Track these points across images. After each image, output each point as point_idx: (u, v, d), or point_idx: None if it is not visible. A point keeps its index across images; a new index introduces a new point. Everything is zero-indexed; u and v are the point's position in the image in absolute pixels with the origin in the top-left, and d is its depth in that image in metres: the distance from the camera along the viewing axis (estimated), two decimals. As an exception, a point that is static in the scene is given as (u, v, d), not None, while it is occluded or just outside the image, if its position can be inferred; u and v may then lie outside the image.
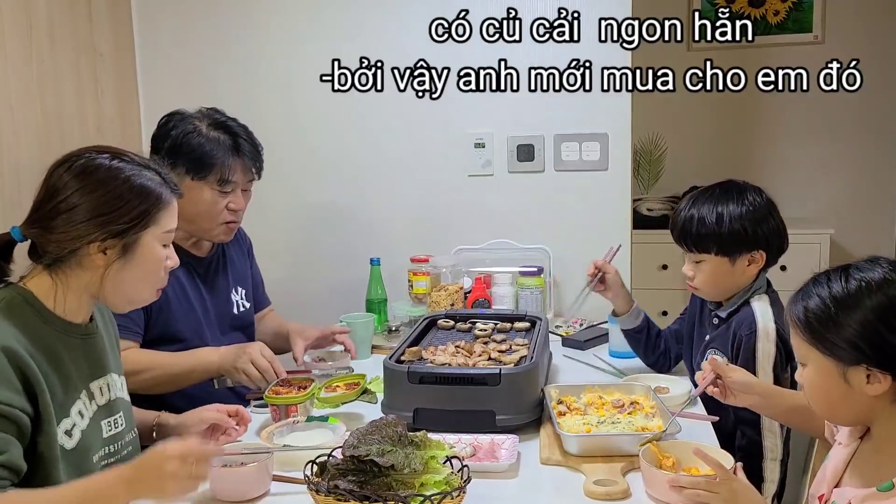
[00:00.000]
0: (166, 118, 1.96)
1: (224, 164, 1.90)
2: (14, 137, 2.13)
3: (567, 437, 1.47)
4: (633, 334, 1.99)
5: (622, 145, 2.55)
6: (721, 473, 1.25)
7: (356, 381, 1.74)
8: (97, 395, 1.42)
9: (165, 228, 1.42)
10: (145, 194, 1.37)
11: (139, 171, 1.39)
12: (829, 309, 1.20)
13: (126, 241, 1.36)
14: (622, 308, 1.99)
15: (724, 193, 1.79)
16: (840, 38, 3.84)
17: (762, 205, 1.78)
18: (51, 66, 2.28)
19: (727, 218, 1.74)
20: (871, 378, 1.17)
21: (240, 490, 1.36)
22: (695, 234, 1.77)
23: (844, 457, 1.29)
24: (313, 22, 2.67)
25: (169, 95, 2.71)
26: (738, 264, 1.77)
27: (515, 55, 2.52)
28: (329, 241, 2.76)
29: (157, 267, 1.42)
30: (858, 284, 1.19)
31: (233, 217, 1.96)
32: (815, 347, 1.22)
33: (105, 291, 1.38)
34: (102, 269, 1.36)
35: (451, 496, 1.18)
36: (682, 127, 4.00)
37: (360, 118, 2.68)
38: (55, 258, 1.35)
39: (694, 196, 1.83)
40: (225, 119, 1.97)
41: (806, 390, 1.28)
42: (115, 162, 1.37)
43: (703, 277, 1.80)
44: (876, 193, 3.91)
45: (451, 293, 2.34)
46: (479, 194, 2.65)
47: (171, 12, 2.72)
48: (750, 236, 1.75)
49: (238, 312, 2.09)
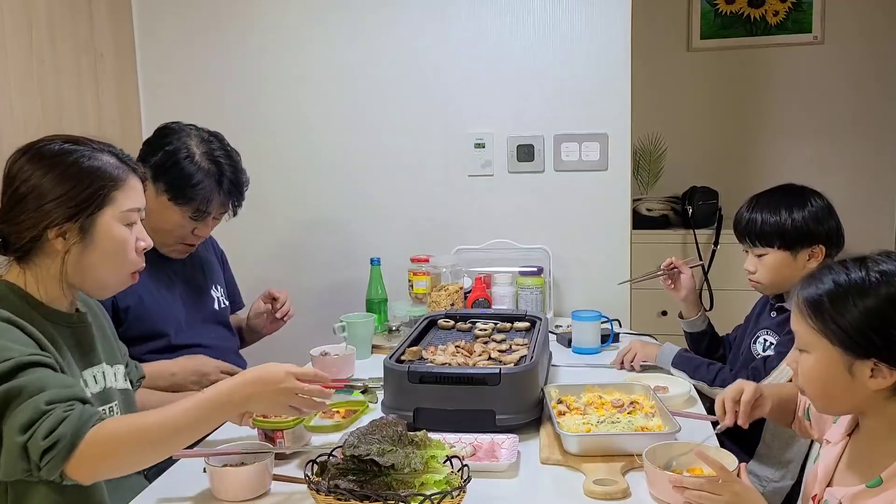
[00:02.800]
0: (165, 130, 1.94)
1: (204, 199, 1.89)
2: (14, 137, 2.12)
3: (567, 436, 1.47)
4: (696, 336, 2.11)
5: (622, 145, 2.55)
6: (723, 475, 1.25)
7: (355, 407, 1.71)
8: (91, 383, 1.42)
9: (124, 208, 1.38)
10: (97, 174, 1.35)
11: (92, 154, 1.37)
12: (846, 296, 1.18)
13: (82, 223, 1.34)
14: (689, 312, 2.11)
15: (786, 194, 1.89)
16: (839, 39, 3.84)
17: (823, 206, 1.87)
18: (51, 65, 2.28)
19: (791, 216, 1.84)
20: (875, 372, 1.16)
21: (240, 490, 1.36)
22: (759, 230, 1.86)
23: (835, 455, 1.29)
24: (313, 22, 2.67)
25: (169, 95, 2.72)
26: (799, 258, 1.84)
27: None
28: (329, 241, 2.76)
29: (119, 248, 1.39)
30: (879, 275, 1.18)
31: (193, 241, 1.98)
32: (823, 335, 1.20)
33: (72, 278, 1.37)
34: (62, 254, 1.34)
35: (451, 496, 1.18)
36: (681, 127, 4.00)
37: (361, 118, 2.69)
38: (21, 249, 1.34)
39: (756, 198, 1.93)
40: (220, 153, 1.94)
41: (802, 377, 1.26)
42: (67, 145, 1.36)
43: (765, 271, 1.88)
44: (876, 193, 3.91)
45: (451, 293, 2.34)
46: (479, 194, 2.65)
47: (172, 12, 2.73)
48: (812, 232, 1.83)
49: (219, 308, 2.11)
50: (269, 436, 1.51)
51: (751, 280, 1.93)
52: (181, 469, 1.49)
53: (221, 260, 2.26)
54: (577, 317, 2.14)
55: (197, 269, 2.09)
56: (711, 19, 3.97)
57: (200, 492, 1.39)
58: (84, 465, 1.17)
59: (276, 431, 1.51)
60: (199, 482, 1.40)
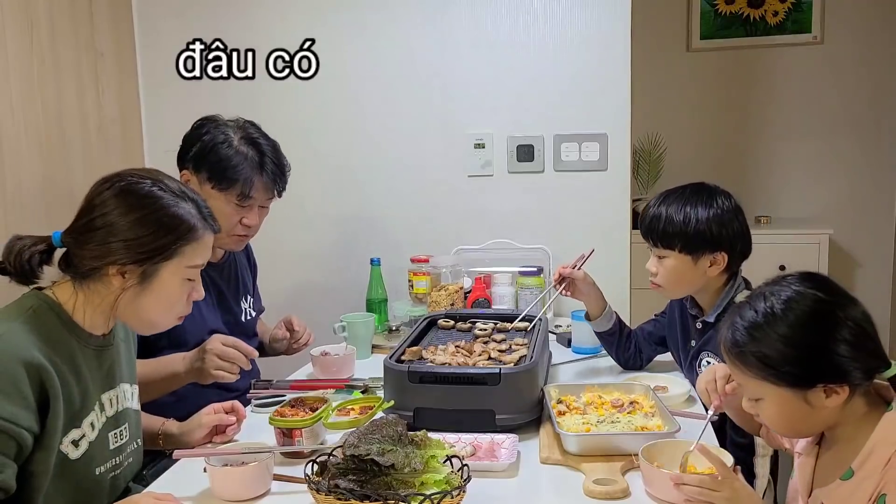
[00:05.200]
0: (201, 121, 1.96)
1: (247, 180, 1.89)
2: (15, 137, 2.13)
3: (567, 436, 1.48)
4: (606, 336, 2.02)
5: (621, 145, 2.56)
6: (724, 472, 1.26)
7: (370, 403, 1.63)
8: (107, 406, 1.42)
9: (191, 263, 1.39)
10: (174, 226, 1.36)
11: (176, 202, 1.37)
12: (764, 337, 1.21)
13: (145, 269, 1.35)
14: (594, 311, 1.99)
15: (693, 194, 1.81)
16: (839, 39, 3.85)
17: (729, 208, 1.79)
18: (52, 65, 2.28)
19: (694, 218, 1.77)
20: (828, 392, 1.19)
21: (240, 489, 1.36)
22: (661, 231, 1.80)
23: (810, 467, 1.31)
24: (314, 22, 2.67)
25: (170, 95, 2.72)
26: (699, 264, 1.78)
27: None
28: (329, 241, 2.76)
29: (173, 300, 1.41)
30: (783, 304, 1.21)
31: (244, 232, 1.97)
32: (765, 381, 1.22)
33: (120, 313, 1.39)
34: (118, 292, 1.35)
35: (451, 495, 1.18)
36: (681, 127, 4.01)
37: (361, 118, 2.69)
38: (80, 271, 1.35)
39: (664, 194, 1.86)
40: (257, 136, 1.95)
41: (766, 420, 1.29)
42: (155, 189, 1.37)
43: (666, 273, 1.82)
44: (875, 193, 3.92)
45: (451, 293, 2.34)
46: (479, 194, 2.65)
47: (172, 12, 2.73)
48: (714, 237, 1.76)
49: (245, 321, 2.11)
50: (287, 434, 1.51)
51: (652, 282, 1.85)
52: (181, 469, 1.49)
53: (254, 269, 2.26)
54: (577, 317, 2.14)
55: (231, 278, 2.09)
56: (711, 20, 3.97)
57: (200, 492, 1.39)
58: None
59: (293, 430, 1.51)
60: (199, 482, 1.40)
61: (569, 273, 1.94)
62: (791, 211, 3.92)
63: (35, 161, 2.20)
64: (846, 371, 1.18)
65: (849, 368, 1.18)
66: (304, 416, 1.54)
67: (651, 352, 2.04)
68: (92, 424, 1.37)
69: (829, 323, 1.19)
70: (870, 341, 1.20)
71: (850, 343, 1.18)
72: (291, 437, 1.51)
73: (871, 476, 1.17)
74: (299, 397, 1.64)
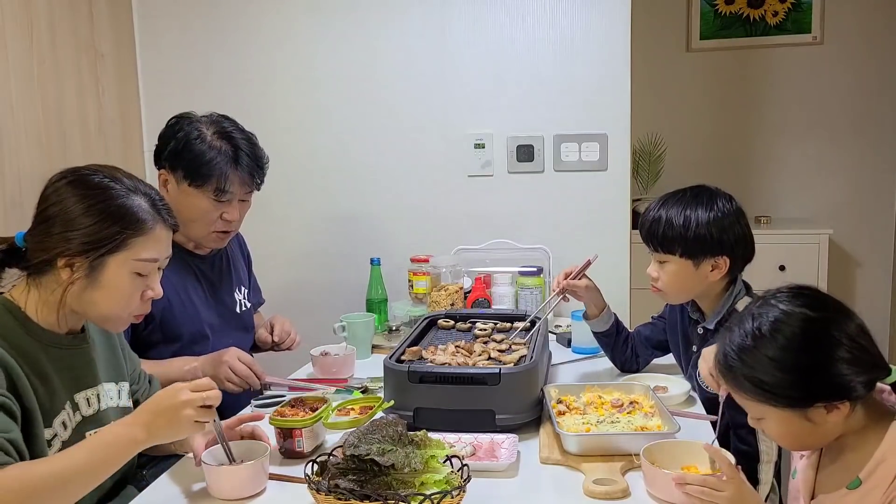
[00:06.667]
0: (175, 119, 1.95)
1: (222, 175, 1.88)
2: (15, 137, 2.13)
3: (566, 436, 1.48)
4: (602, 337, 2.00)
5: (621, 145, 2.56)
6: (729, 472, 1.26)
7: (370, 403, 1.62)
8: (83, 405, 1.40)
9: (139, 256, 1.35)
10: (121, 216, 1.33)
11: (127, 194, 1.35)
12: (756, 362, 1.19)
13: (92, 261, 1.32)
14: (594, 312, 1.98)
15: (694, 198, 1.79)
16: (839, 39, 3.85)
17: (730, 212, 1.77)
18: (51, 65, 2.28)
19: (694, 222, 1.74)
20: (829, 409, 1.18)
21: (236, 488, 1.36)
22: (661, 235, 1.77)
23: (813, 469, 1.30)
24: (314, 22, 2.67)
25: (170, 95, 2.72)
26: (701, 268, 1.76)
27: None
28: (329, 241, 2.76)
29: (123, 295, 1.36)
30: (770, 325, 1.19)
31: (225, 227, 1.95)
32: (765, 403, 1.21)
33: (72, 307, 1.35)
34: (66, 284, 1.32)
35: (451, 495, 1.18)
36: (681, 127, 4.01)
37: (361, 119, 2.69)
38: (34, 267, 1.34)
39: (664, 198, 1.83)
40: (231, 129, 1.94)
41: (773, 438, 1.30)
42: (105, 180, 1.35)
43: (667, 279, 1.79)
44: (875, 193, 3.91)
45: (451, 293, 2.35)
46: (479, 194, 2.65)
47: (172, 12, 2.73)
48: (715, 241, 1.74)
49: (240, 312, 2.10)
50: (288, 435, 1.51)
51: (653, 287, 1.82)
52: (181, 469, 1.49)
53: (248, 260, 2.25)
54: (577, 317, 2.14)
55: (223, 270, 2.08)
56: (711, 20, 3.97)
57: (198, 490, 1.39)
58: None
59: (294, 430, 1.51)
60: (198, 482, 1.41)
61: (567, 285, 1.92)
62: (791, 211, 3.92)
63: (35, 161, 2.20)
64: (847, 388, 1.16)
65: (849, 385, 1.16)
66: (304, 416, 1.54)
67: (648, 356, 2.03)
68: (64, 424, 1.35)
69: (823, 344, 1.17)
70: (868, 355, 1.18)
71: (848, 361, 1.16)
72: (291, 437, 1.51)
73: (880, 486, 1.16)
74: (299, 397, 1.64)
